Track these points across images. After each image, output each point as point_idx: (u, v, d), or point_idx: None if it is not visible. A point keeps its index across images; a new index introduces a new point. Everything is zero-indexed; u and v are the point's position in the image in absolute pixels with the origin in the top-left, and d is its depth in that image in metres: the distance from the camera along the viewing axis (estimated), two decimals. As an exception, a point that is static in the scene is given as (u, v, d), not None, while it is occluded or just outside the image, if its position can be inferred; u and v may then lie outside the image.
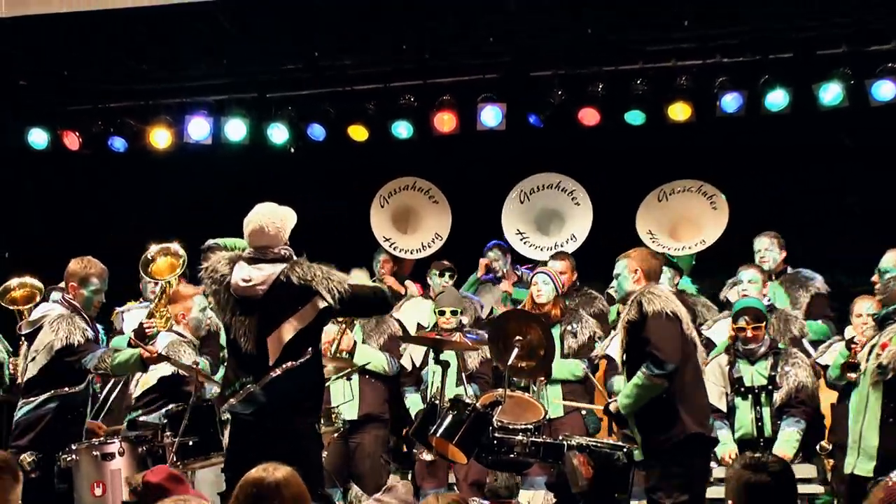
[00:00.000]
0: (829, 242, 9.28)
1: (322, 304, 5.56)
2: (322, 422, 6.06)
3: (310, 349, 5.62)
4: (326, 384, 6.94)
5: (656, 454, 6.12)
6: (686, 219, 8.63)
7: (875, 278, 7.37)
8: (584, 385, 7.81)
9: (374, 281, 8.94)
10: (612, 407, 6.32)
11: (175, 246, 8.07)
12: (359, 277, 6.23)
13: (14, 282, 8.29)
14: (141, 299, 8.64)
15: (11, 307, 8.17)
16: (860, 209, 9.49)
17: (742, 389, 7.28)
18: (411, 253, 9.28)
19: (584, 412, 7.74)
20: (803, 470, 7.00)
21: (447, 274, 8.75)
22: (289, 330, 5.55)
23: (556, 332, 7.68)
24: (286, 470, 3.97)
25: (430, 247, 9.13)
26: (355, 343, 8.02)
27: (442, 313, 8.01)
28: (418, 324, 8.67)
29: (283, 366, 5.53)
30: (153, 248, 8.09)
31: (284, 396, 5.53)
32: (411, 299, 8.91)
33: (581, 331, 7.91)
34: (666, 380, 5.98)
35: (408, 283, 9.21)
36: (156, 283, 8.15)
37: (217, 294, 5.70)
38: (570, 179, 8.85)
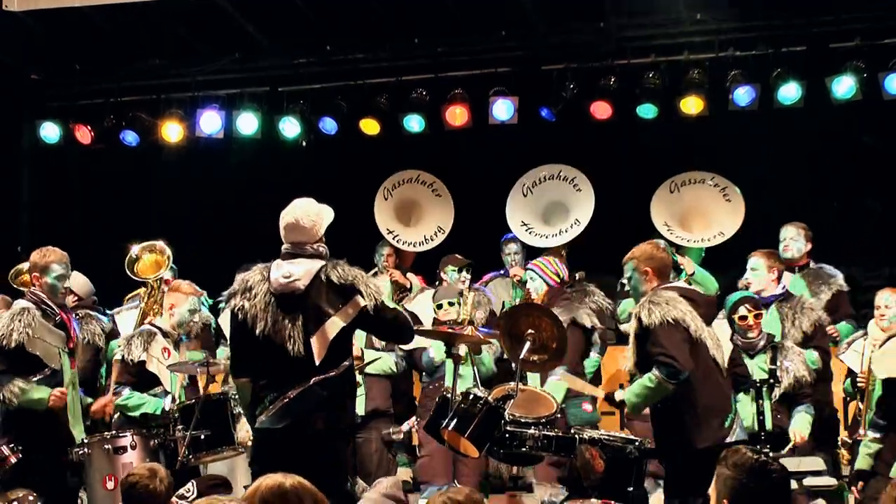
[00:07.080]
0: (845, 237, 9.20)
1: (362, 303, 5.46)
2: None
3: (347, 359, 5.53)
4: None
5: (671, 459, 6.09)
6: (697, 210, 8.54)
7: None
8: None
9: (377, 273, 8.93)
10: (616, 396, 6.23)
11: (160, 244, 8.01)
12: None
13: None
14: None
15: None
16: (880, 206, 9.43)
17: (744, 383, 7.12)
18: (414, 245, 9.22)
19: (566, 406, 7.64)
20: (811, 463, 6.95)
21: (464, 270, 8.68)
22: (332, 328, 5.42)
23: None
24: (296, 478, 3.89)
25: (432, 240, 9.09)
26: (363, 351, 7.92)
27: (440, 307, 7.93)
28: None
29: (324, 375, 5.42)
30: (136, 247, 8.02)
31: (318, 406, 5.41)
32: (424, 292, 8.87)
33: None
34: (676, 384, 5.93)
35: (409, 275, 9.19)
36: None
37: (255, 305, 5.47)
38: (569, 167, 8.80)
